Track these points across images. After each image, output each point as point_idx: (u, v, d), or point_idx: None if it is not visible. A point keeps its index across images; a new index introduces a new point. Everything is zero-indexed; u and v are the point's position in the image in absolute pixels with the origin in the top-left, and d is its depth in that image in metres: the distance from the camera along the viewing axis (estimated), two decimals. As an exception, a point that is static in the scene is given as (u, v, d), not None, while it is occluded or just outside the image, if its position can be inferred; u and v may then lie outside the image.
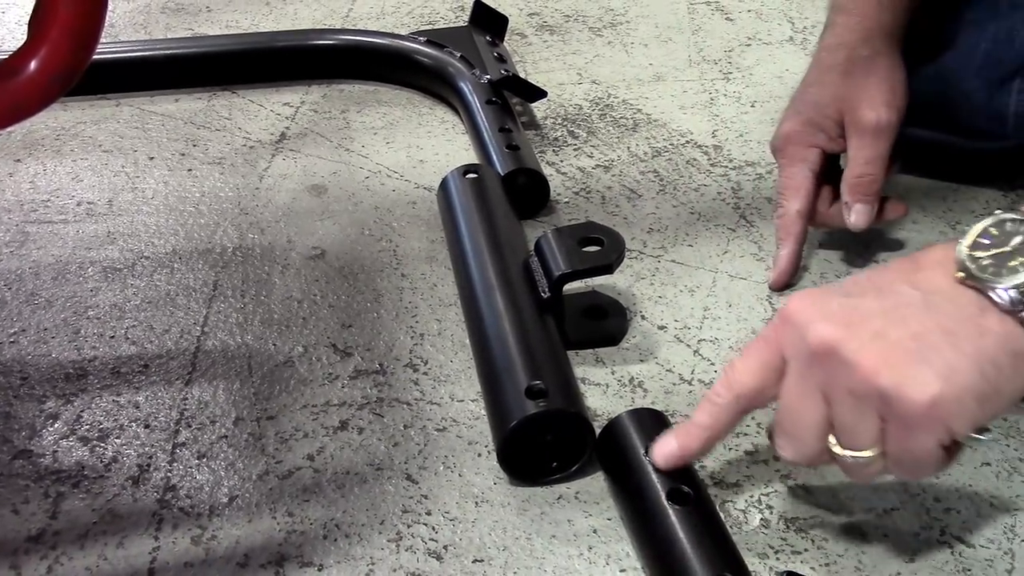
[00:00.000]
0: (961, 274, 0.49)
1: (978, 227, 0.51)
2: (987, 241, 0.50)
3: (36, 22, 0.44)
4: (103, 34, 0.45)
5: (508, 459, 0.61)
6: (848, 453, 0.51)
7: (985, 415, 0.48)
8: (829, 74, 0.77)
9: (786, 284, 0.77)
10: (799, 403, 0.51)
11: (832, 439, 0.51)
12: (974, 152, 0.87)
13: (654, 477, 0.56)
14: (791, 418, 0.52)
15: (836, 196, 0.78)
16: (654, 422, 0.60)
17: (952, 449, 0.50)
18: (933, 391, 0.47)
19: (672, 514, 0.54)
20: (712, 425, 0.55)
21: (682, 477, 0.56)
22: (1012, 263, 0.49)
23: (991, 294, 0.48)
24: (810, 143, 0.77)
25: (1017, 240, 0.50)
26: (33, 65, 0.43)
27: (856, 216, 0.76)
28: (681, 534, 0.53)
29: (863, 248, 0.81)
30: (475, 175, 0.81)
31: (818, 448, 0.52)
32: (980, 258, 0.49)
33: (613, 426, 0.60)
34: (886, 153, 0.76)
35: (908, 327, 0.48)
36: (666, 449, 0.56)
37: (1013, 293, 0.48)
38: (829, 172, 0.79)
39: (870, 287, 0.51)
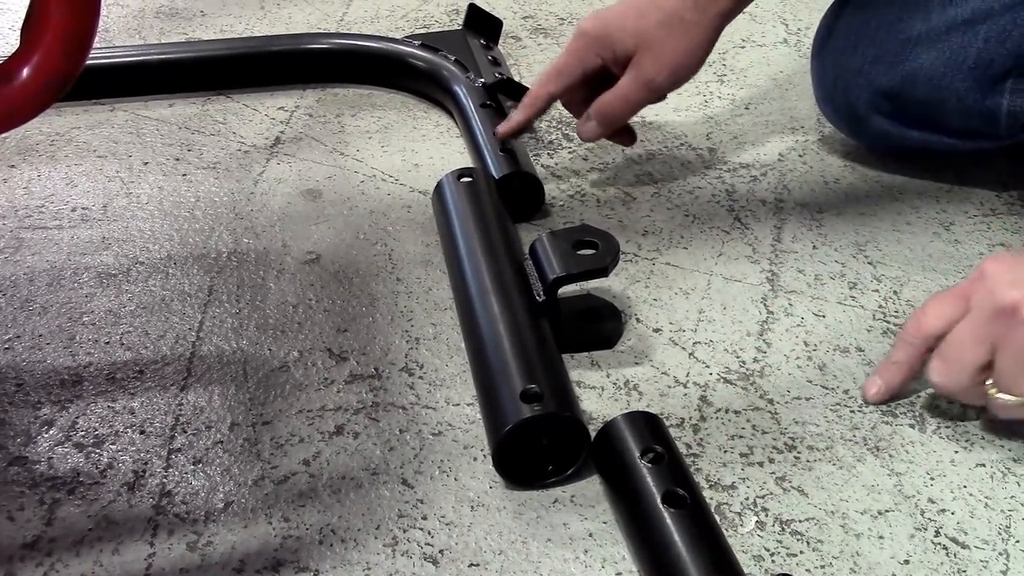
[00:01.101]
0: None
1: None
2: None
3: (29, 28, 0.44)
4: (96, 39, 0.45)
5: (503, 463, 0.61)
6: (1003, 396, 0.60)
7: None
8: (655, 13, 0.80)
9: (511, 136, 0.87)
10: (971, 343, 0.60)
11: (990, 381, 0.60)
12: (968, 152, 0.87)
13: (649, 480, 0.56)
14: (958, 353, 0.61)
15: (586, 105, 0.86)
16: (649, 426, 0.60)
17: None
18: None
19: (667, 517, 0.54)
20: (907, 361, 0.65)
21: (677, 480, 0.56)
22: None
23: None
24: (599, 53, 0.82)
25: None
26: (26, 72, 0.43)
27: (587, 131, 0.85)
28: (676, 537, 0.53)
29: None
30: (469, 179, 0.81)
31: (970, 384, 0.61)
32: None
33: (608, 429, 0.60)
34: (642, 106, 0.85)
35: None
36: (873, 388, 0.67)
37: None
38: (596, 82, 0.85)
39: None
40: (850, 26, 0.86)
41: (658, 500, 0.55)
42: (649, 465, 0.57)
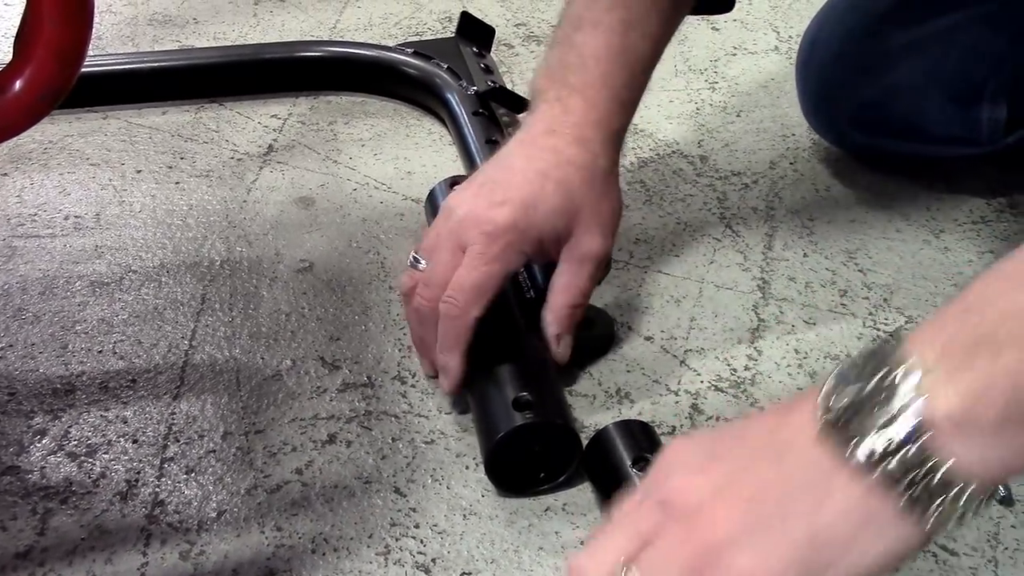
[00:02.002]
0: (819, 424, 0.41)
1: (843, 367, 0.42)
2: (843, 385, 0.41)
3: (21, 41, 0.44)
4: (90, 47, 0.45)
5: (496, 471, 0.61)
6: None
7: None
8: (569, 172, 0.65)
9: (462, 387, 0.66)
10: (618, 533, 0.46)
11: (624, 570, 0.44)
12: (952, 159, 0.88)
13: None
14: (602, 540, 0.46)
15: None
16: (641, 434, 0.60)
17: None
18: (743, 566, 0.41)
19: None
20: None
21: None
22: (868, 412, 0.40)
23: (844, 451, 0.40)
24: (522, 248, 0.64)
25: (874, 382, 0.40)
26: (19, 84, 0.43)
27: (564, 348, 0.67)
28: None
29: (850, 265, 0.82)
30: None
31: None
32: (835, 408, 0.41)
33: (600, 437, 0.61)
34: (596, 283, 0.68)
35: (746, 487, 0.43)
36: None
37: (865, 452, 0.39)
38: None
39: (737, 437, 0.46)
40: (832, 38, 0.86)
41: None
42: (640, 474, 0.57)
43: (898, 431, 0.39)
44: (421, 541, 0.59)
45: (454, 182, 0.81)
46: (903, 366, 0.39)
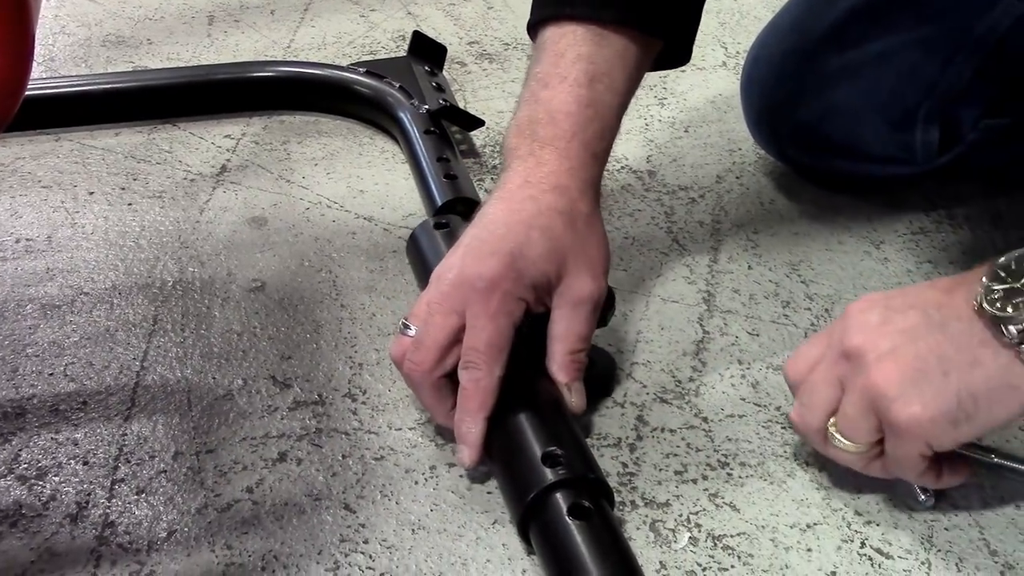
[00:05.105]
0: (975, 303, 0.54)
1: (1003, 259, 0.55)
2: (1003, 274, 0.54)
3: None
4: (42, 68, 0.45)
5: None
6: (840, 439, 0.59)
7: (960, 437, 0.57)
8: (551, 218, 0.65)
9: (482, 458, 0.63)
10: (821, 383, 0.60)
11: (832, 421, 0.60)
12: (888, 178, 0.90)
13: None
14: (810, 391, 0.60)
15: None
16: None
17: (941, 464, 0.59)
18: (913, 411, 0.55)
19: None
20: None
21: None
22: (1019, 300, 0.53)
23: (999, 327, 0.53)
24: (519, 295, 0.63)
25: None
26: (-43, 116, 0.44)
27: (578, 396, 0.65)
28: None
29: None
30: (446, 227, 0.78)
31: (820, 426, 0.60)
32: (995, 291, 0.54)
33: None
34: (595, 326, 0.67)
35: (916, 348, 0.56)
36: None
37: (1016, 329, 0.53)
38: None
39: (909, 304, 0.58)
40: (773, 58, 0.89)
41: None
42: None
43: None
44: (370, 556, 0.60)
45: (437, 224, 0.79)
46: None
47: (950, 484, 0.61)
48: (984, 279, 0.54)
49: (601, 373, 0.71)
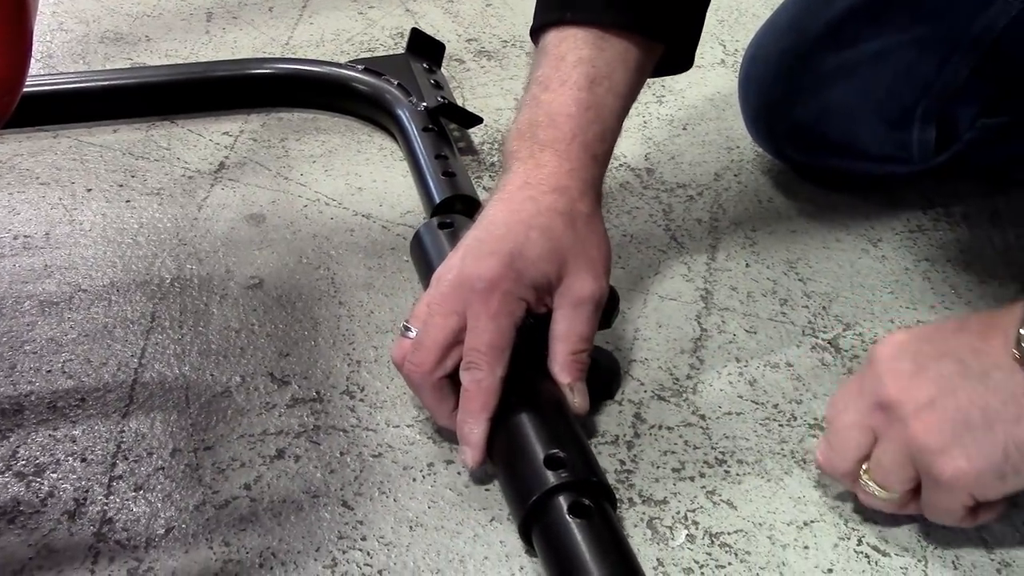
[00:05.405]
0: (1016, 353, 0.53)
1: None
2: None
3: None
4: (40, 65, 0.45)
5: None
6: (874, 486, 0.59)
7: (1007, 490, 0.55)
8: (551, 218, 0.65)
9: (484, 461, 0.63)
10: (854, 428, 0.58)
11: (864, 467, 0.59)
12: (885, 176, 0.91)
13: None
14: (841, 436, 0.59)
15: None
16: None
17: (983, 507, 0.57)
18: (959, 465, 0.54)
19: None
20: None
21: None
22: None
23: None
24: (520, 295, 0.63)
25: None
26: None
27: (580, 397, 0.65)
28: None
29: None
30: (450, 227, 0.78)
31: (850, 469, 0.59)
32: None
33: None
34: (597, 326, 0.67)
35: (957, 400, 0.54)
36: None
37: None
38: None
39: (942, 351, 0.56)
40: (770, 57, 0.89)
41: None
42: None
43: None
44: (368, 553, 0.60)
45: (441, 223, 0.78)
46: None
47: (985, 522, 0.59)
48: (1022, 328, 0.52)
49: (604, 374, 0.71)
